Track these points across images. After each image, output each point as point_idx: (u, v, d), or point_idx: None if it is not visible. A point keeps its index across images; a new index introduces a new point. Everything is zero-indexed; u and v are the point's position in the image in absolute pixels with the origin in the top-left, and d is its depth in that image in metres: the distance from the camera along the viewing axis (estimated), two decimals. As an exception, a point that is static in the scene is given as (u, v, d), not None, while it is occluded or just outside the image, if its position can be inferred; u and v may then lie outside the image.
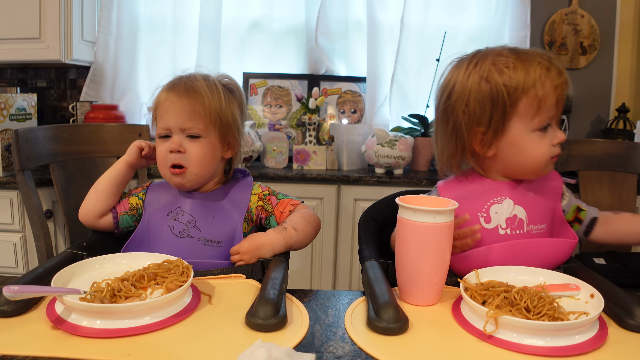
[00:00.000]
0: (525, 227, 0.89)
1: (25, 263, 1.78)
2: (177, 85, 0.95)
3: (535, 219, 0.90)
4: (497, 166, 0.92)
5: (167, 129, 0.94)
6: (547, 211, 0.92)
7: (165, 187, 1.02)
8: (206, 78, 0.98)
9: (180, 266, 0.76)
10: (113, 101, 2.22)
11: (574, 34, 2.26)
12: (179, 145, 0.93)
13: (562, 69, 0.85)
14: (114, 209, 0.99)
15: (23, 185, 1.37)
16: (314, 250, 1.94)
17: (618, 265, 1.50)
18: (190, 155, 0.94)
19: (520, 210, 0.90)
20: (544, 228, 0.90)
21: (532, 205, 0.90)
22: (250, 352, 0.55)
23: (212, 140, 0.96)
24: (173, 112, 0.93)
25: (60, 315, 0.66)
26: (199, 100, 0.93)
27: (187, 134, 0.94)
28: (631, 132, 2.12)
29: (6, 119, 1.71)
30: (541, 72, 0.83)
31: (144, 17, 2.27)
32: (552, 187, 0.94)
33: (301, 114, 2.25)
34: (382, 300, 0.68)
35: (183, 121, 0.93)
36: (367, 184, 1.88)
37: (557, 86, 0.84)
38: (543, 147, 0.87)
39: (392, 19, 2.20)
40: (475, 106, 0.86)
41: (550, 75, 0.83)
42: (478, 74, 0.86)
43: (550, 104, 0.84)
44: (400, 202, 0.76)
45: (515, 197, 0.90)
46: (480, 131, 0.88)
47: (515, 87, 0.83)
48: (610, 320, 0.70)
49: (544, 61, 0.84)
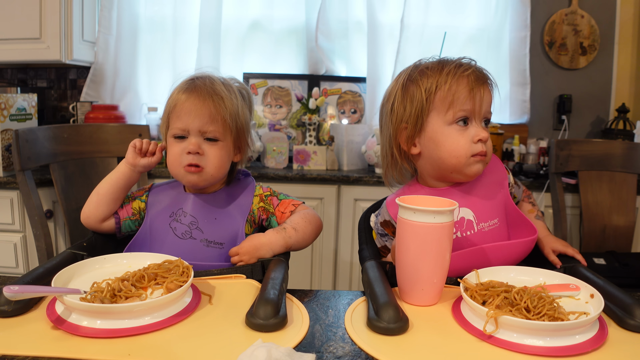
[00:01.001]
0: (476, 227, 0.91)
1: (25, 263, 1.78)
2: (200, 88, 0.94)
3: (485, 217, 0.92)
4: (427, 167, 0.94)
5: (185, 130, 0.93)
6: (496, 206, 0.93)
7: (167, 188, 1.01)
8: (224, 81, 0.97)
9: (180, 266, 0.76)
10: (113, 101, 2.22)
11: (574, 34, 2.26)
12: (198, 147, 0.92)
13: (478, 68, 0.90)
14: (117, 213, 0.99)
15: (23, 185, 1.37)
16: (314, 250, 1.94)
17: (618, 265, 1.50)
18: (209, 158, 0.94)
19: (467, 211, 0.92)
20: (496, 223, 0.92)
21: (478, 205, 0.92)
22: (251, 352, 0.56)
23: (228, 143, 0.96)
24: (195, 114, 0.92)
25: (61, 315, 0.66)
26: (222, 105, 0.93)
27: (206, 137, 0.94)
28: (631, 132, 2.13)
29: (6, 119, 1.71)
30: (456, 68, 0.89)
31: (144, 17, 2.27)
32: (497, 180, 0.96)
33: (301, 114, 2.25)
34: (382, 300, 0.68)
35: (203, 124, 0.92)
36: (367, 184, 1.88)
37: (470, 80, 0.88)
38: (461, 141, 0.88)
39: (392, 19, 2.20)
40: (399, 104, 0.93)
41: (461, 70, 0.88)
42: (403, 77, 0.93)
43: (464, 97, 0.87)
44: (400, 202, 0.76)
45: (459, 200, 0.90)
46: (404, 127, 0.93)
47: (431, 82, 0.89)
48: (610, 320, 0.70)
49: (462, 61, 0.90)
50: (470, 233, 0.91)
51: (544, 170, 1.97)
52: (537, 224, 1.02)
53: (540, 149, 2.14)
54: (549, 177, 1.80)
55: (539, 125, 2.33)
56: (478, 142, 0.88)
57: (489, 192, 0.94)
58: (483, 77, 0.89)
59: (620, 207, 1.75)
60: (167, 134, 0.97)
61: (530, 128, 2.31)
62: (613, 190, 1.76)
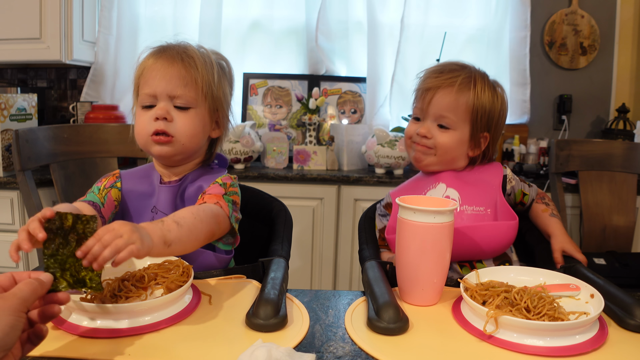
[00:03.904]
0: (459, 206, 0.97)
1: (25, 263, 1.78)
2: (169, 50, 0.87)
3: (470, 201, 0.98)
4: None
5: (153, 95, 0.86)
6: (486, 197, 0.99)
7: (136, 177, 0.95)
8: (199, 47, 0.91)
9: (180, 266, 0.76)
10: (113, 101, 2.22)
11: (574, 34, 2.26)
12: (166, 112, 0.85)
13: (448, 74, 0.99)
14: (103, 218, 0.90)
15: (23, 185, 1.37)
16: (314, 250, 1.94)
17: (618, 265, 1.51)
18: (178, 125, 0.86)
19: (452, 192, 1.00)
20: (482, 210, 0.98)
21: (467, 189, 1.00)
22: (251, 352, 0.55)
23: (202, 112, 0.89)
24: (162, 77, 0.85)
25: (61, 315, 0.66)
26: (193, 67, 0.86)
27: (176, 104, 0.87)
28: (631, 133, 2.13)
29: (6, 119, 1.71)
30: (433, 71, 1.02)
31: (144, 17, 2.27)
32: (492, 177, 1.03)
33: (301, 114, 2.25)
34: (382, 300, 0.68)
35: (173, 87, 0.85)
36: (367, 184, 1.88)
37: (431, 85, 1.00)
38: None
39: (392, 19, 2.20)
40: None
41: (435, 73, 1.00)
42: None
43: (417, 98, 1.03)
44: (400, 202, 0.76)
45: (448, 182, 1.01)
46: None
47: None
48: (610, 320, 0.70)
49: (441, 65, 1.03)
50: None
51: (544, 171, 1.97)
52: (551, 221, 1.07)
53: (540, 149, 2.14)
54: (549, 177, 1.80)
55: (539, 125, 2.33)
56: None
57: (481, 183, 1.01)
58: (440, 84, 0.99)
59: (621, 207, 1.75)
60: (137, 106, 0.89)
61: (530, 128, 2.31)
62: (613, 191, 1.76)
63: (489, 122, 1.00)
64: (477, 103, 0.97)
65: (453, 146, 1.00)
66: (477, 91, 0.97)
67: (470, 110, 0.98)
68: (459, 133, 0.99)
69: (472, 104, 0.97)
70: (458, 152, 1.01)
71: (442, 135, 0.99)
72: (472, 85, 0.98)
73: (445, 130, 0.99)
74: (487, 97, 0.98)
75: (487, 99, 0.98)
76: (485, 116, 0.99)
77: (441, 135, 0.99)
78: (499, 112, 1.01)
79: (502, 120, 1.03)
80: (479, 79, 0.99)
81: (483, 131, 1.00)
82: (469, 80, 0.98)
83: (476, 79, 0.98)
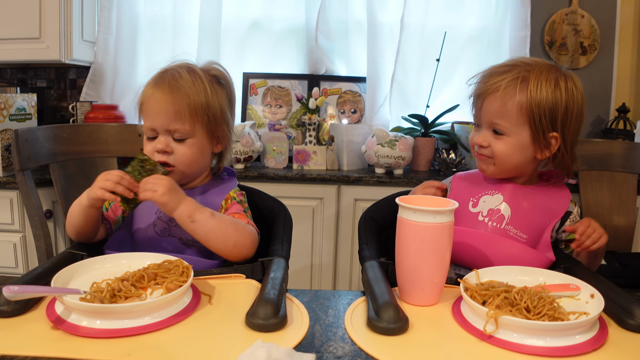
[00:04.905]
0: (504, 224, 0.94)
1: (25, 263, 1.78)
2: (162, 81, 0.92)
3: (518, 224, 0.94)
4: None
5: (153, 129, 0.93)
6: (534, 225, 0.95)
7: None
8: (191, 71, 0.94)
9: (180, 266, 0.76)
10: (113, 101, 2.22)
11: (574, 34, 2.26)
12: (165, 146, 0.92)
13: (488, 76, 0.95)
14: (106, 219, 0.97)
15: (23, 185, 1.37)
16: (314, 250, 1.94)
17: (618, 265, 1.50)
18: (178, 156, 0.93)
19: (506, 207, 0.96)
20: (524, 237, 0.94)
21: (520, 212, 0.95)
22: (250, 352, 0.55)
23: (200, 139, 0.94)
24: (159, 113, 0.91)
25: (60, 316, 0.66)
26: (184, 100, 0.90)
27: (174, 137, 0.93)
28: (631, 132, 2.12)
29: (6, 119, 1.71)
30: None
31: (144, 17, 2.26)
32: (554, 208, 0.97)
33: (301, 114, 2.25)
34: (382, 300, 0.68)
35: (168, 122, 0.91)
36: (367, 184, 1.88)
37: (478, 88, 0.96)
38: None
39: (392, 19, 2.20)
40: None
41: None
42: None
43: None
44: (400, 202, 0.76)
45: (507, 196, 0.97)
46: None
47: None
48: (610, 320, 0.70)
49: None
50: (497, 225, 0.94)
51: (544, 170, 1.97)
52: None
53: (540, 149, 2.14)
54: (549, 177, 1.80)
55: (539, 125, 2.32)
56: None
57: (538, 212, 0.96)
58: (499, 90, 0.92)
59: (621, 207, 1.75)
60: (143, 132, 0.96)
61: (530, 128, 2.30)
62: (613, 190, 1.76)
63: (553, 120, 0.90)
64: (532, 103, 0.89)
65: (511, 153, 0.93)
66: (530, 90, 0.89)
67: (524, 112, 0.90)
68: (516, 138, 0.92)
69: (526, 105, 0.89)
70: (519, 158, 0.94)
71: (497, 143, 0.94)
72: (523, 84, 0.89)
73: (501, 136, 0.93)
74: (545, 93, 0.89)
75: (545, 96, 0.89)
76: (546, 115, 0.89)
77: (497, 143, 0.94)
78: (565, 107, 0.90)
79: (572, 116, 0.91)
80: (534, 76, 0.89)
81: (549, 131, 0.91)
82: (518, 81, 0.90)
83: (529, 76, 0.90)
